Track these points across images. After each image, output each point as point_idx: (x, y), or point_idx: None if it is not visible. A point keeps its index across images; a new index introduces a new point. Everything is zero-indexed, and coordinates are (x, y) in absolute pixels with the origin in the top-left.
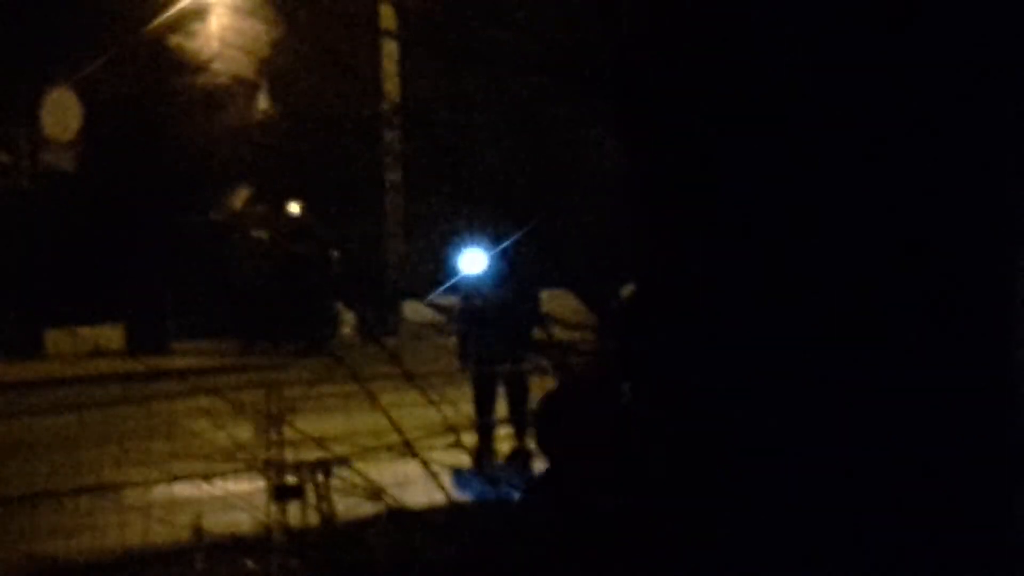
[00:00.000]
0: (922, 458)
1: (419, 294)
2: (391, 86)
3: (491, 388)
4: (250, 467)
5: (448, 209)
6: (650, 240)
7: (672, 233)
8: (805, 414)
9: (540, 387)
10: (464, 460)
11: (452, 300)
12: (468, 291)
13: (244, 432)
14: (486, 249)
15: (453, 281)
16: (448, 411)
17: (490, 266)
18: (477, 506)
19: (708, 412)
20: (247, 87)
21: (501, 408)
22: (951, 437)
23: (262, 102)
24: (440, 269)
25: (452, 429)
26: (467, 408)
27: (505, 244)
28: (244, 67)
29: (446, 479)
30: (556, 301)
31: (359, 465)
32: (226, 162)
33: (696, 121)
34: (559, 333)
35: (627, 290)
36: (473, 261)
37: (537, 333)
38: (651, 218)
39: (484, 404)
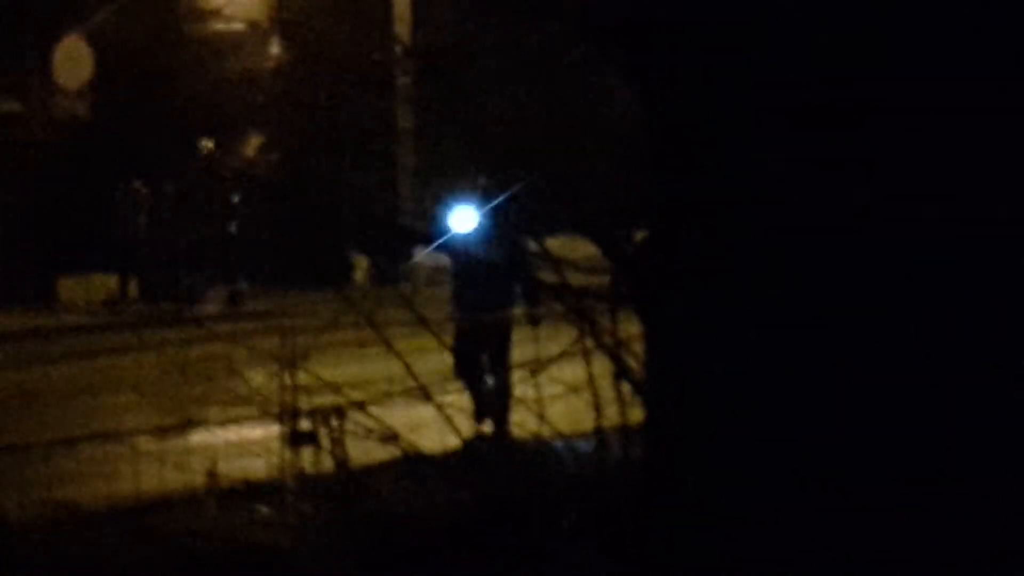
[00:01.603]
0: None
1: (431, 240)
2: (403, 30)
3: (475, 349)
4: (264, 413)
5: (460, 155)
6: (664, 185)
7: (687, 179)
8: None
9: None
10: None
11: (442, 258)
12: (458, 250)
13: (258, 378)
14: (477, 207)
15: (444, 239)
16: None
17: (480, 224)
18: (490, 450)
19: (722, 358)
20: (258, 34)
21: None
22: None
23: (274, 48)
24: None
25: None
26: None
27: (495, 202)
28: (256, 13)
29: (460, 423)
30: (570, 246)
31: (373, 410)
32: (238, 108)
33: (714, 68)
34: (574, 278)
35: (641, 235)
36: (464, 219)
37: (547, 278)
38: (665, 164)
39: (466, 364)
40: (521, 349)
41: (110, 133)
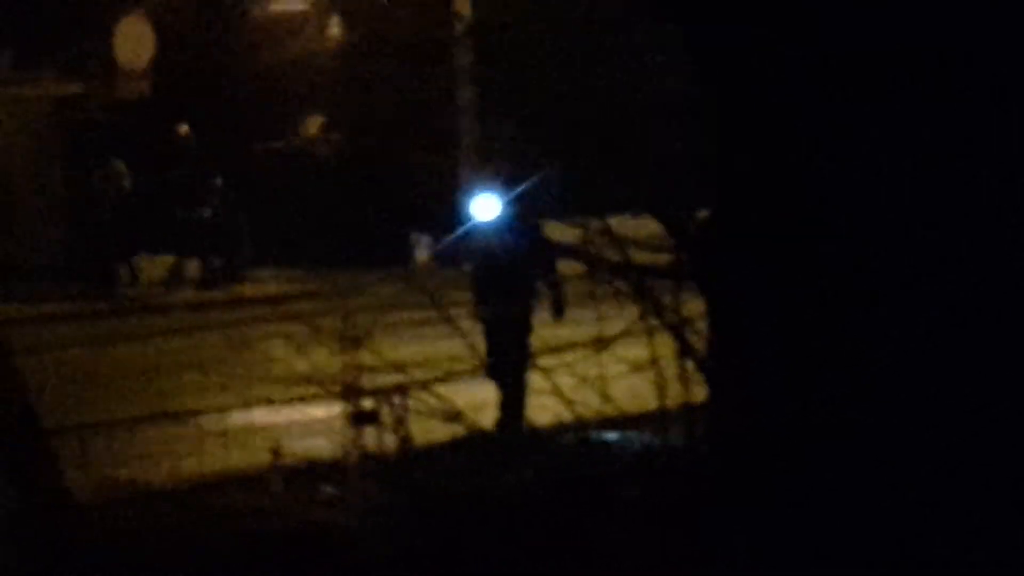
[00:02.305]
0: None
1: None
2: (463, 7)
3: (502, 342)
4: (327, 393)
5: (521, 132)
6: (728, 163)
7: (751, 157)
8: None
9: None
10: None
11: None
12: (481, 239)
13: (321, 358)
14: (499, 195)
15: (467, 228)
16: (528, 337)
17: (503, 213)
18: (552, 431)
19: (787, 336)
20: (320, 13)
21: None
22: None
23: (334, 28)
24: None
25: (531, 355)
26: (545, 332)
27: (519, 190)
28: None
29: (527, 402)
30: (632, 225)
31: (436, 389)
32: (299, 89)
33: (779, 43)
34: (636, 256)
35: (704, 213)
36: (486, 207)
37: (610, 256)
38: (729, 143)
39: (500, 356)
40: (584, 328)
41: (172, 114)
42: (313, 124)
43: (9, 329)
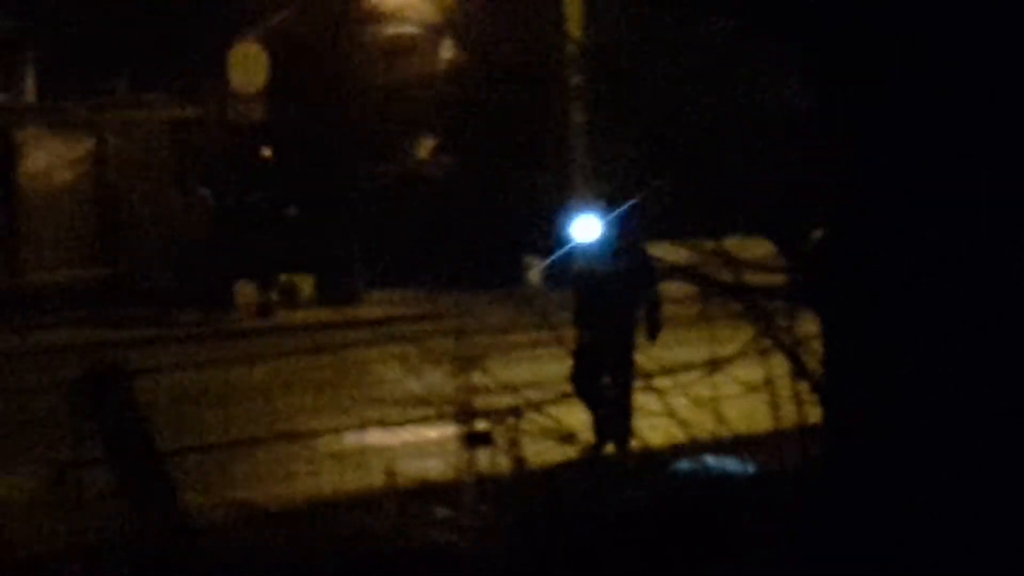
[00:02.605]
0: None
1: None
2: (575, 28)
3: (597, 367)
4: (441, 414)
5: (633, 153)
6: (844, 184)
7: (867, 177)
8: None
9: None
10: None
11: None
12: (582, 261)
13: (435, 379)
14: (600, 216)
15: (566, 249)
16: (641, 357)
17: (604, 234)
18: (666, 452)
19: (905, 357)
20: (432, 35)
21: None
22: None
23: (447, 50)
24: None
25: (647, 375)
26: (659, 353)
27: (620, 211)
28: (429, 16)
29: (638, 424)
30: (748, 245)
31: (550, 411)
32: (411, 112)
33: (899, 63)
34: (751, 277)
35: (818, 234)
36: (587, 228)
37: (724, 277)
38: (844, 163)
39: (586, 383)
40: (697, 349)
41: (285, 137)
42: (425, 146)
43: (126, 351)
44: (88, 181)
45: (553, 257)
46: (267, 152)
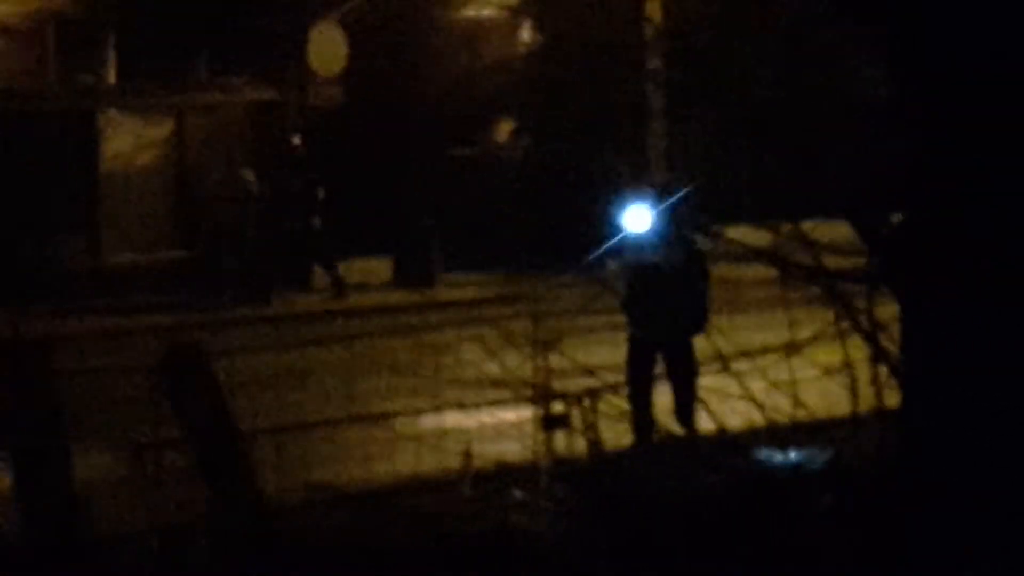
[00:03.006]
0: None
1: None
2: (654, 10)
3: (649, 359)
4: (518, 396)
5: (712, 137)
6: (924, 167)
7: (949, 161)
8: None
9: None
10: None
11: (613, 264)
12: (633, 252)
13: (512, 362)
14: (652, 206)
15: (617, 240)
16: (720, 341)
17: (655, 224)
18: (744, 436)
19: (987, 342)
20: (510, 18)
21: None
22: None
23: (525, 33)
24: (702, 198)
25: (722, 358)
26: (737, 336)
27: (672, 200)
28: None
29: (715, 407)
30: (826, 228)
31: (626, 393)
32: (489, 95)
33: (982, 48)
34: (830, 260)
35: (898, 217)
36: (638, 219)
37: (802, 260)
38: (925, 147)
39: (638, 375)
40: (775, 332)
41: (364, 120)
42: (503, 129)
43: (204, 333)
44: (168, 163)
45: (607, 246)
46: (296, 140)
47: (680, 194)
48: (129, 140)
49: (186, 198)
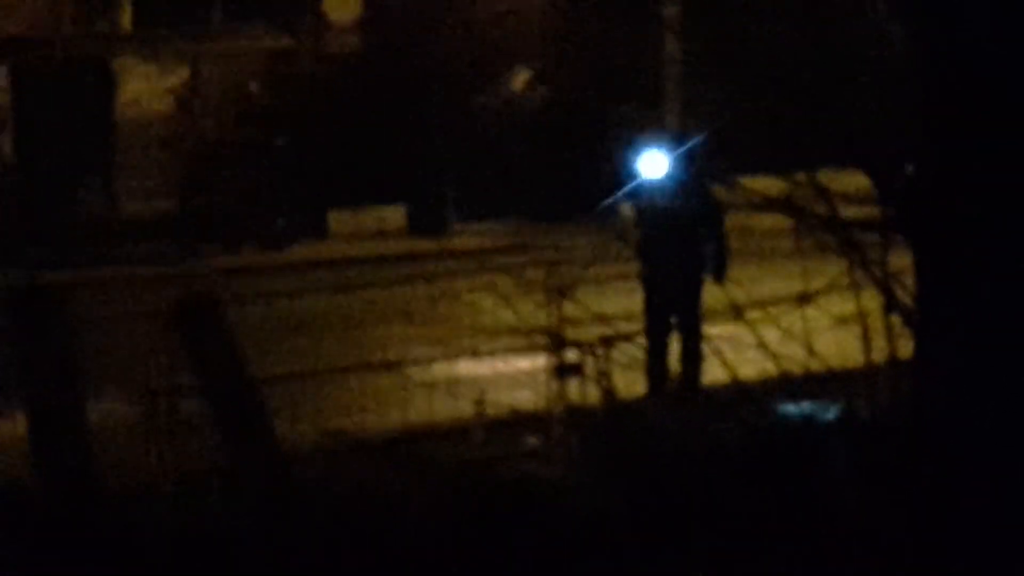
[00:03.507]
0: None
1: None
2: None
3: (664, 302)
4: (532, 344)
5: (728, 85)
6: (939, 118)
7: (963, 111)
8: None
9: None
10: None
11: (627, 209)
12: (646, 197)
13: (527, 310)
14: (667, 151)
15: (633, 186)
16: (734, 290)
17: (671, 171)
18: (758, 385)
19: (1001, 291)
20: None
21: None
22: None
23: None
24: (718, 146)
25: (736, 308)
26: (752, 286)
27: (687, 146)
28: None
29: (729, 356)
30: (839, 178)
31: (640, 342)
32: (506, 44)
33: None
34: (845, 209)
35: (912, 167)
36: (653, 164)
37: (817, 209)
38: (940, 98)
39: (654, 318)
40: (790, 282)
41: (379, 68)
42: (520, 78)
43: (217, 280)
44: (183, 110)
45: (622, 192)
46: (253, 87)
47: (696, 141)
48: (144, 87)
49: (202, 146)
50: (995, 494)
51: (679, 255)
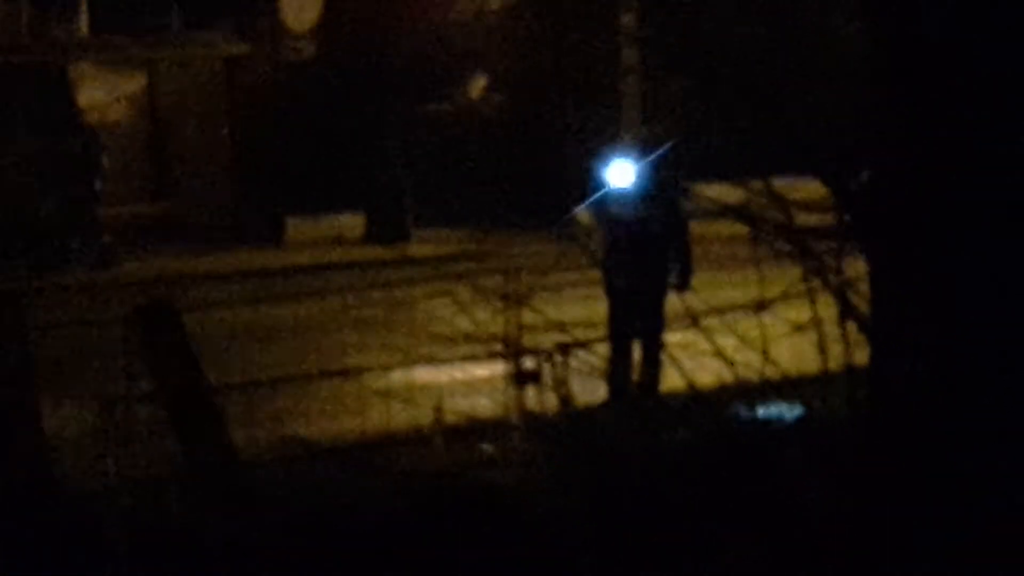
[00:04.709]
0: None
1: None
2: None
3: (628, 310)
4: (489, 352)
5: (686, 93)
6: (895, 124)
7: (919, 117)
8: None
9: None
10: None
11: (590, 216)
12: (613, 206)
13: (484, 317)
14: (635, 161)
15: (600, 195)
16: (691, 298)
17: (638, 180)
18: (714, 392)
19: (955, 298)
20: None
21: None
22: None
23: None
24: (677, 154)
25: (692, 315)
26: (708, 293)
27: (655, 157)
28: None
29: (686, 363)
30: (794, 186)
31: (597, 349)
32: (463, 51)
33: (951, 5)
34: (801, 217)
35: (868, 174)
36: (620, 173)
37: (772, 217)
38: (896, 104)
39: (618, 326)
40: (746, 289)
41: (337, 75)
42: (476, 85)
43: (175, 287)
44: (140, 117)
45: (588, 201)
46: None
47: (662, 150)
48: (101, 93)
49: (160, 152)
50: (950, 494)
51: (643, 264)
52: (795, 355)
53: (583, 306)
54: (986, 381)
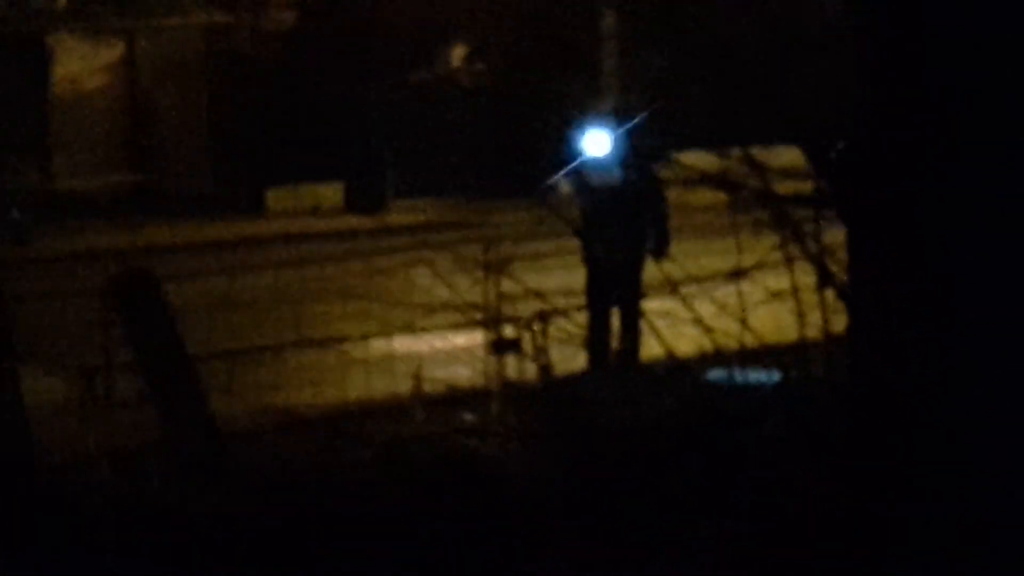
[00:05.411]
0: None
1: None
2: None
3: (606, 278)
4: (469, 321)
5: (665, 60)
6: (872, 93)
7: (896, 87)
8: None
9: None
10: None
11: (568, 185)
12: (589, 175)
13: (464, 286)
14: (610, 130)
15: (575, 164)
16: (669, 266)
17: (614, 148)
18: (694, 361)
19: (931, 265)
20: None
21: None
22: None
23: None
24: (655, 122)
25: (671, 283)
26: (687, 261)
27: (630, 125)
28: None
29: (665, 331)
30: (773, 153)
31: (577, 318)
32: (444, 20)
33: None
34: (779, 184)
35: (846, 142)
36: (596, 142)
37: (751, 184)
38: (874, 73)
39: (597, 294)
40: (724, 257)
41: (317, 44)
42: (457, 54)
43: (155, 257)
44: (119, 87)
45: (567, 169)
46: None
47: (638, 117)
48: (80, 63)
49: (139, 122)
50: (929, 461)
51: (621, 232)
52: (773, 322)
53: (562, 274)
54: (967, 348)
